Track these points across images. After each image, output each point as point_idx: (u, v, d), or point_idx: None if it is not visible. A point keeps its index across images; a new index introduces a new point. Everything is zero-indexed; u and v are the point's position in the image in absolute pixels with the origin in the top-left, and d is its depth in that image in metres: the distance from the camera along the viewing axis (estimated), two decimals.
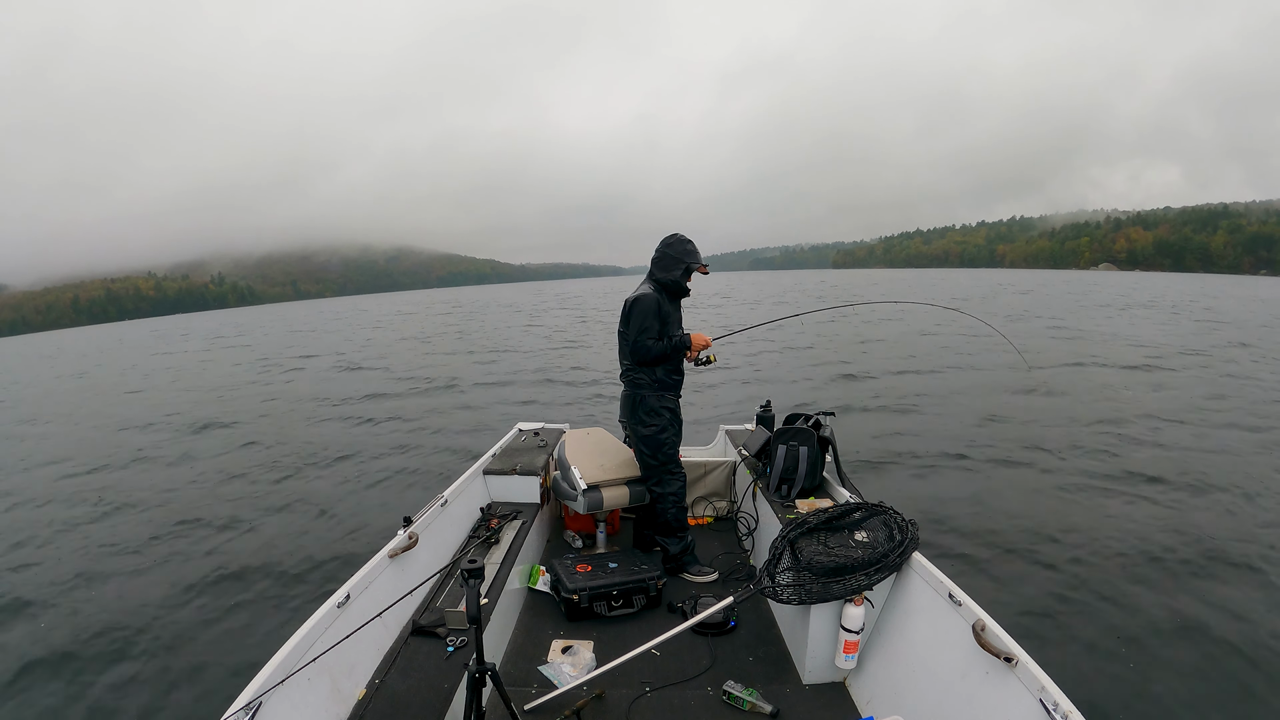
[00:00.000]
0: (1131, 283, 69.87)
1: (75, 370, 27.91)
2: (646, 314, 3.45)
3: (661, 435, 3.62)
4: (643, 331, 3.44)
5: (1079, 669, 3.59)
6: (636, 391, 3.62)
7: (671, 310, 3.59)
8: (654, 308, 3.47)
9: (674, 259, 3.54)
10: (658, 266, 3.57)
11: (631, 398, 3.65)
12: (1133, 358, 15.11)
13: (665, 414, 3.62)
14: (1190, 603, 4.26)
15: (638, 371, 3.59)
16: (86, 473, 9.19)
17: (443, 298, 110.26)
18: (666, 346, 3.49)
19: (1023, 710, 1.84)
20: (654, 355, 3.48)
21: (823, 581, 2.54)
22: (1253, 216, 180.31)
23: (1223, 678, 3.52)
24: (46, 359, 37.88)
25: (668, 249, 3.56)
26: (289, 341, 32.68)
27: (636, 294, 3.55)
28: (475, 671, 1.90)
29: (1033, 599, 4.35)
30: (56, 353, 43.38)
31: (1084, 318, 26.10)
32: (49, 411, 15.88)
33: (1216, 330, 21.43)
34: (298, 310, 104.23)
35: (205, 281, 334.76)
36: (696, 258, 3.55)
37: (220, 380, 18.99)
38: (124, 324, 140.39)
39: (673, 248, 3.56)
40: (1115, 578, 4.60)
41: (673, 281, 3.55)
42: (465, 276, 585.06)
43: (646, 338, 3.44)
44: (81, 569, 5.64)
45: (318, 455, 9.13)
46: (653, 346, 3.45)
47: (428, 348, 24.28)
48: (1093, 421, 9.09)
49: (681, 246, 3.56)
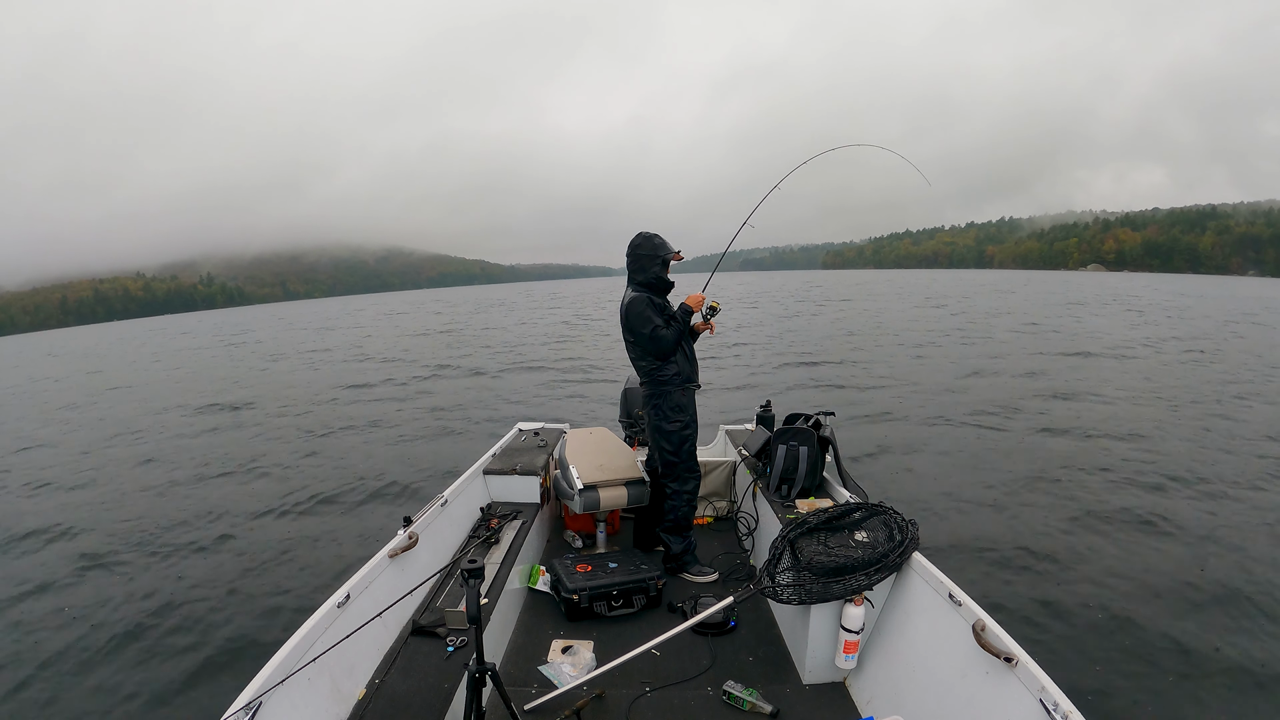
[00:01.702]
0: (1116, 283, 70.79)
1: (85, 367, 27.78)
2: (645, 311, 3.46)
3: (685, 431, 3.61)
4: (651, 326, 3.44)
5: (1079, 669, 3.59)
6: (660, 388, 3.59)
7: (664, 304, 3.60)
8: (648, 303, 3.48)
9: (646, 258, 3.54)
10: (634, 271, 3.58)
11: (654, 395, 3.62)
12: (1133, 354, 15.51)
13: (689, 409, 3.62)
14: (1190, 602, 4.29)
15: (660, 368, 3.55)
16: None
17: (419, 300, 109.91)
18: (680, 327, 3.49)
19: (1023, 710, 1.84)
20: (673, 341, 3.47)
21: (823, 581, 2.54)
22: (1240, 217, 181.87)
23: (1223, 677, 3.53)
24: (52, 358, 37.51)
25: (637, 250, 3.56)
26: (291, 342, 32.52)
27: (627, 299, 3.55)
28: (475, 671, 1.89)
29: (1033, 599, 4.36)
30: (58, 352, 42.96)
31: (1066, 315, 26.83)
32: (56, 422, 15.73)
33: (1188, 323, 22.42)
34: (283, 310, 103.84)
35: (194, 282, 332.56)
36: (667, 249, 3.54)
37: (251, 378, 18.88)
38: (113, 324, 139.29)
39: (641, 248, 3.55)
40: (1116, 577, 4.62)
41: (655, 279, 3.55)
42: (454, 277, 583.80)
43: (658, 331, 3.44)
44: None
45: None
46: (667, 335, 3.45)
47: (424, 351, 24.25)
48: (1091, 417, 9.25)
49: (650, 244, 3.55)
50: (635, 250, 3.56)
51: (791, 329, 25.03)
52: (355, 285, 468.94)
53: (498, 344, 23.69)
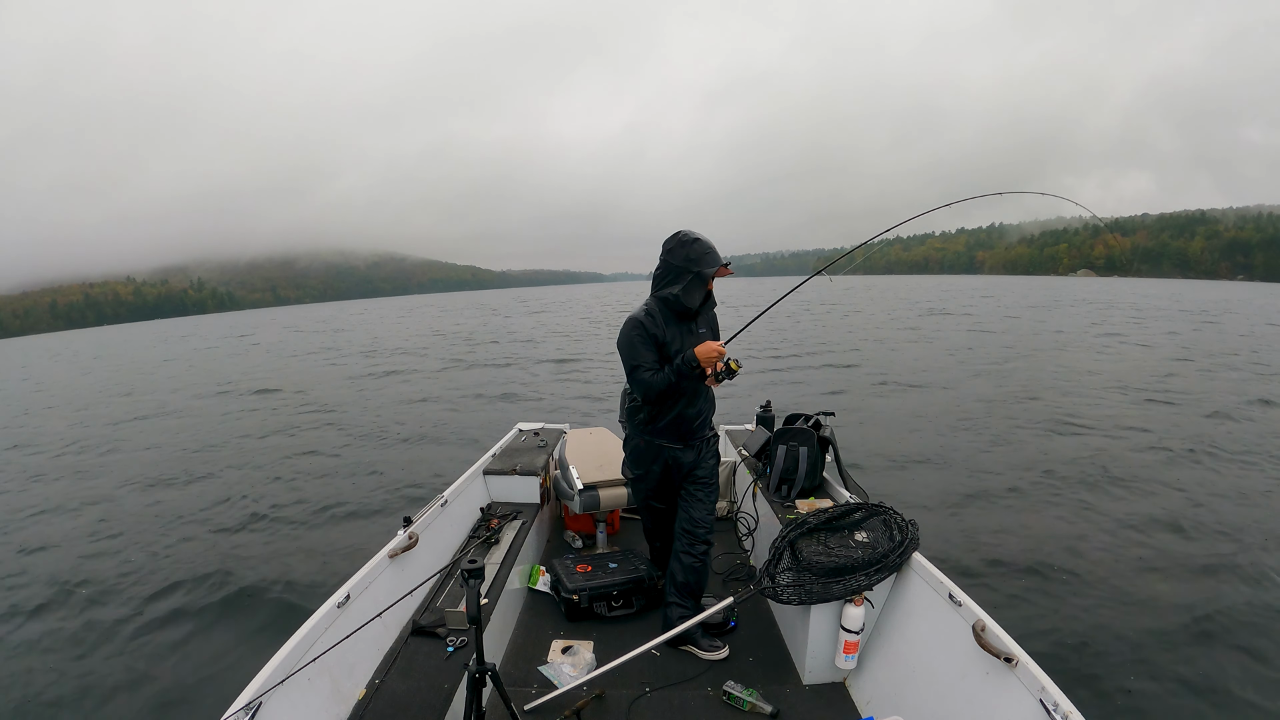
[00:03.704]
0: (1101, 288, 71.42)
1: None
2: (633, 341, 2.75)
3: (639, 487, 3.09)
4: (633, 365, 2.76)
5: (1079, 669, 3.60)
6: (629, 425, 3.04)
7: (675, 334, 2.78)
8: (637, 334, 2.75)
9: (676, 269, 2.72)
10: (657, 281, 2.82)
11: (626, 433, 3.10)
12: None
13: (645, 465, 2.99)
14: (1190, 601, 4.29)
15: (634, 401, 2.94)
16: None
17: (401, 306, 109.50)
18: (669, 376, 2.71)
19: (1023, 710, 1.85)
20: (656, 391, 2.74)
21: (823, 582, 2.54)
22: (1229, 222, 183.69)
23: (1223, 676, 3.54)
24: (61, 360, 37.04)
25: (668, 257, 2.75)
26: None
27: (629, 316, 2.87)
28: (475, 672, 1.89)
29: (1033, 599, 4.37)
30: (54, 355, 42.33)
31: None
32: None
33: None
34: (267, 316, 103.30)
35: (184, 287, 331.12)
36: (709, 261, 2.70)
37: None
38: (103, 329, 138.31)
39: (673, 254, 2.73)
40: (1116, 577, 4.63)
41: (673, 298, 2.73)
42: (446, 283, 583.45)
43: (641, 374, 2.73)
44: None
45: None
46: (651, 382, 2.71)
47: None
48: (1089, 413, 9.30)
49: (684, 251, 2.71)
50: (667, 255, 2.76)
51: (791, 328, 25.17)
52: (346, 291, 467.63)
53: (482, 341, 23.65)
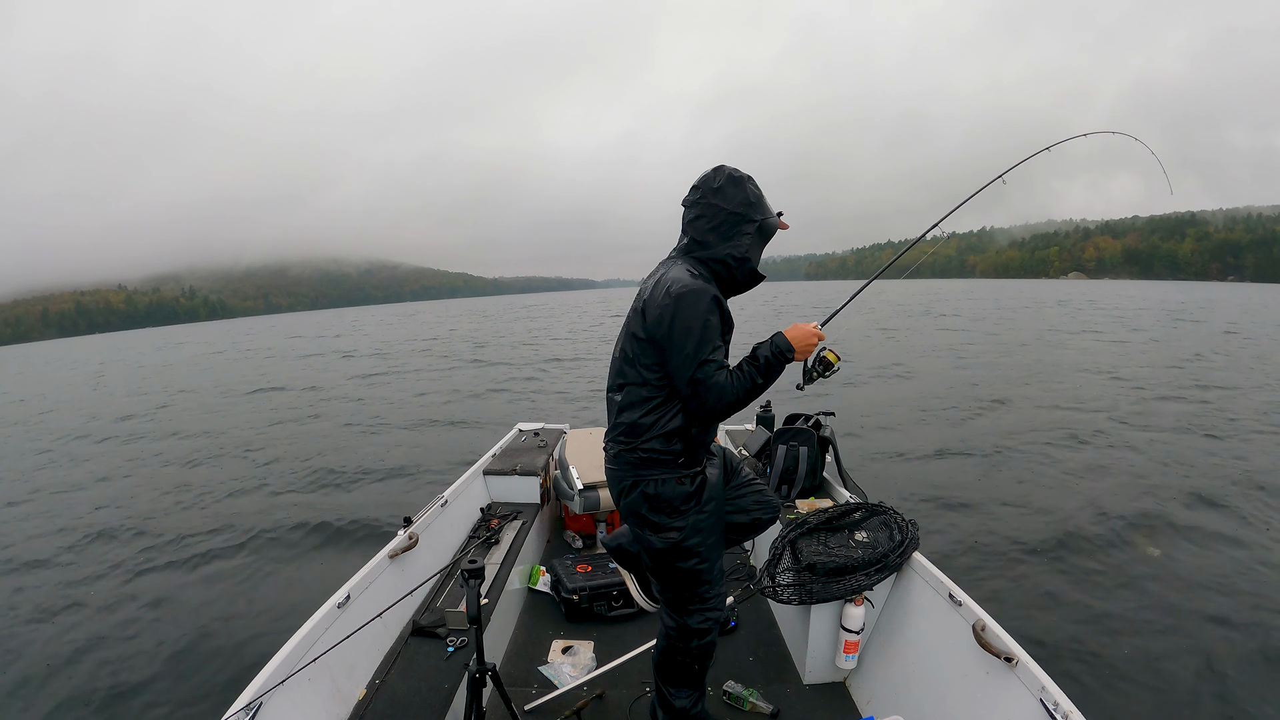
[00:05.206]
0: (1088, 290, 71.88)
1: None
2: (705, 326, 1.76)
3: (689, 545, 1.94)
4: (705, 346, 1.75)
5: (1079, 669, 3.58)
6: (650, 470, 1.91)
7: (730, 319, 1.88)
8: (714, 314, 1.79)
9: (734, 218, 1.85)
10: (702, 232, 1.88)
11: (639, 476, 1.92)
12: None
13: (697, 509, 1.94)
14: (1191, 601, 4.28)
15: (657, 431, 1.87)
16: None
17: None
18: (753, 375, 1.81)
19: (1023, 710, 1.84)
20: (731, 398, 1.78)
21: (823, 581, 2.54)
22: (1218, 224, 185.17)
23: (1223, 675, 3.52)
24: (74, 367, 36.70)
25: (717, 199, 1.85)
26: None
27: (674, 277, 1.82)
28: (475, 672, 1.88)
29: (1033, 599, 4.36)
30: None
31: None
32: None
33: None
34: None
35: (176, 295, 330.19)
36: (768, 208, 1.92)
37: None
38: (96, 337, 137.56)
39: (724, 195, 1.85)
40: (1116, 577, 4.63)
41: (734, 262, 1.87)
42: (437, 290, 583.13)
43: (708, 368, 1.74)
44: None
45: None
46: (726, 385, 1.76)
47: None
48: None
49: (739, 192, 1.86)
50: (710, 195, 1.86)
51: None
52: (338, 298, 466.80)
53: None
